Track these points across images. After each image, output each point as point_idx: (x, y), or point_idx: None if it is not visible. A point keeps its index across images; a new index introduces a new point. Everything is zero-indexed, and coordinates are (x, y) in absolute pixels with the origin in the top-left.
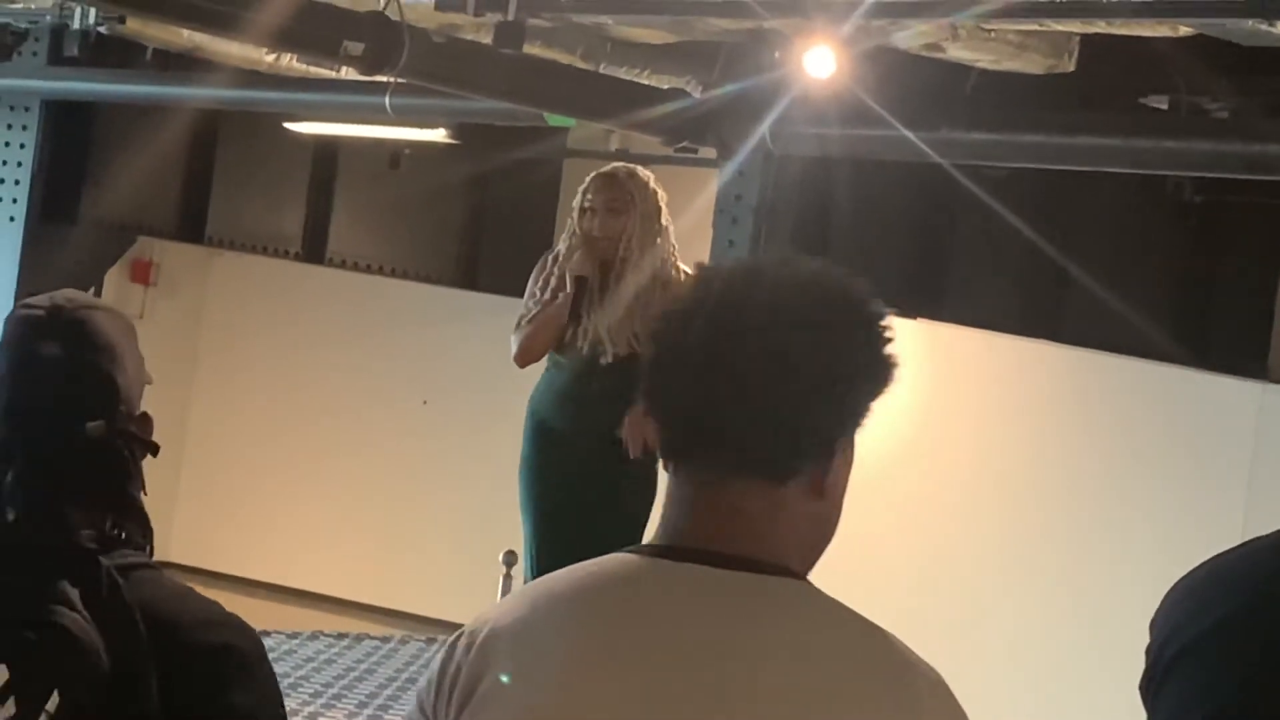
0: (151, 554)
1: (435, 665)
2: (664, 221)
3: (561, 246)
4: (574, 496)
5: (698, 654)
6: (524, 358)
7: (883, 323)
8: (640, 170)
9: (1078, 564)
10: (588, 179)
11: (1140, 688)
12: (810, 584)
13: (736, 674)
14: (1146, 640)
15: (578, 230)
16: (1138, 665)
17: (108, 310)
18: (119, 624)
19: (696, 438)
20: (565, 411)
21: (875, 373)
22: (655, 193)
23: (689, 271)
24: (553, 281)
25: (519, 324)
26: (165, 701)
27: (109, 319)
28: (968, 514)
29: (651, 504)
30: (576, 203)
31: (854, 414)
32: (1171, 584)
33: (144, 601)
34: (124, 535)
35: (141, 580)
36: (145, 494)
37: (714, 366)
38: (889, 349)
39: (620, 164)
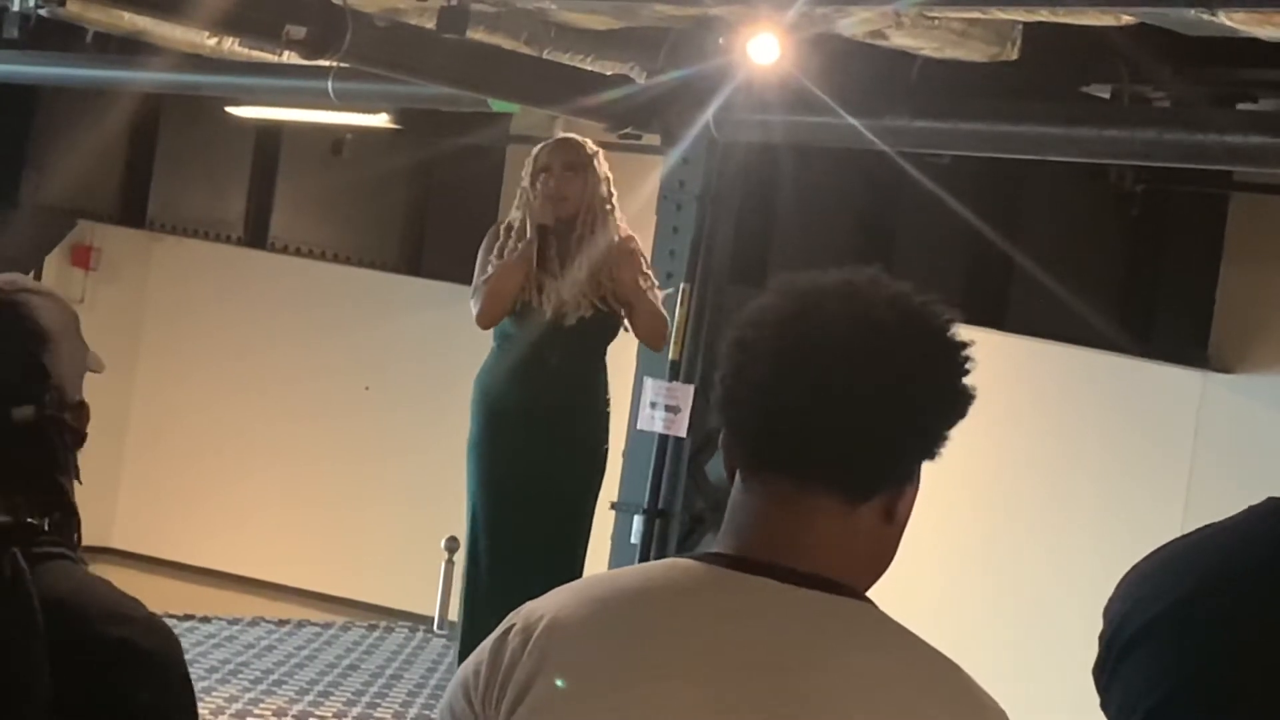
0: (79, 545)
1: (484, 655)
2: (613, 189)
3: (514, 215)
4: (526, 477)
5: (767, 671)
6: (489, 313)
7: (966, 352)
8: (590, 141)
9: (1022, 549)
10: (536, 148)
11: (1093, 673)
12: (879, 608)
13: (804, 694)
14: (1090, 625)
15: (532, 194)
16: (1084, 649)
17: (47, 295)
18: (16, 610)
19: (778, 448)
20: (521, 388)
21: (959, 402)
22: (604, 161)
23: (637, 239)
24: (509, 246)
25: (475, 290)
26: (61, 692)
27: (46, 304)
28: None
29: (598, 487)
30: (528, 169)
31: (937, 441)
32: (1115, 568)
33: (51, 591)
34: (49, 525)
35: (54, 570)
36: (79, 483)
37: (804, 380)
38: (969, 379)
39: (574, 135)
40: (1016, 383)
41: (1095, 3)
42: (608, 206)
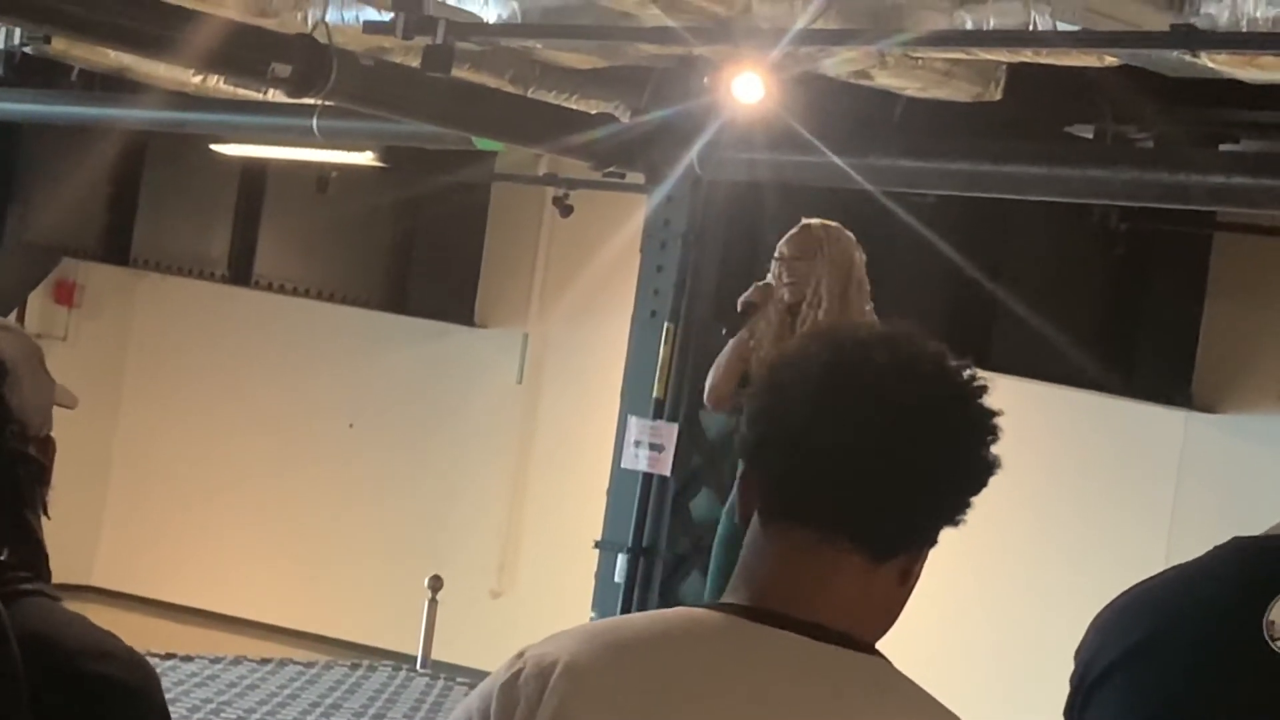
0: (48, 579)
1: (491, 700)
2: (857, 276)
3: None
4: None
5: None
6: (709, 396)
7: (996, 421)
8: (837, 226)
9: (1007, 588)
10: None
11: (1064, 712)
12: (895, 667)
13: None
14: (1070, 662)
15: (770, 278)
16: (1061, 687)
17: (6, 328)
18: None
19: (809, 497)
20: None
21: (987, 470)
22: (848, 248)
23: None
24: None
25: None
26: None
27: (6, 337)
28: None
29: None
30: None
31: (964, 508)
32: (1100, 607)
33: (30, 628)
34: (16, 561)
35: (31, 607)
36: (48, 518)
37: (846, 430)
38: (996, 449)
39: (817, 219)
40: (1000, 422)
41: (1079, 44)
42: (846, 291)
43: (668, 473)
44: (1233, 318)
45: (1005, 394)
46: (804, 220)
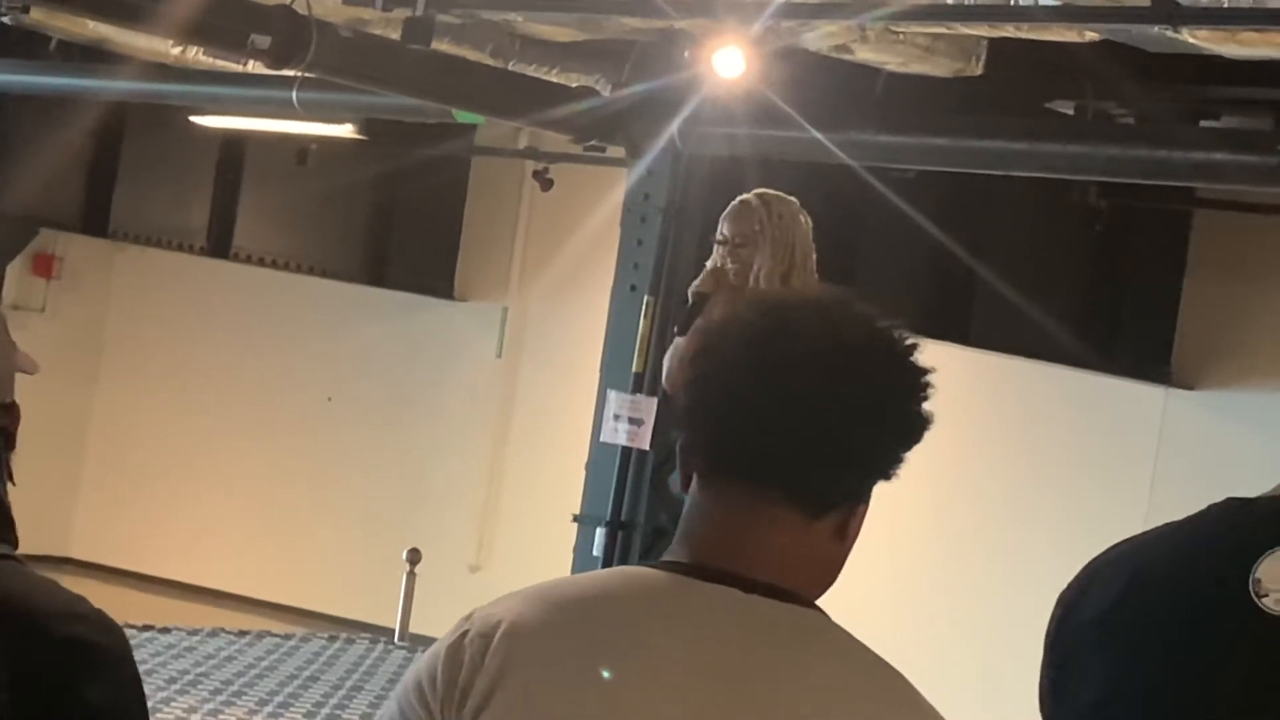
0: (15, 545)
1: (439, 661)
2: (802, 250)
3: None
4: None
5: (730, 678)
6: (667, 382)
7: (928, 378)
8: (776, 197)
9: (985, 563)
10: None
11: (1045, 649)
12: (831, 619)
13: (766, 702)
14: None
15: (716, 262)
16: (1037, 662)
17: None
18: None
19: (740, 456)
20: None
21: (919, 426)
22: (789, 224)
23: None
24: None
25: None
26: (12, 692)
27: None
28: (875, 513)
29: None
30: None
31: (895, 463)
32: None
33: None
34: None
35: None
36: (13, 484)
37: (772, 390)
38: (928, 405)
39: (756, 192)
40: (980, 397)
41: (1060, 18)
42: (781, 270)
43: (647, 447)
44: (1212, 294)
45: (985, 370)
46: (742, 197)
